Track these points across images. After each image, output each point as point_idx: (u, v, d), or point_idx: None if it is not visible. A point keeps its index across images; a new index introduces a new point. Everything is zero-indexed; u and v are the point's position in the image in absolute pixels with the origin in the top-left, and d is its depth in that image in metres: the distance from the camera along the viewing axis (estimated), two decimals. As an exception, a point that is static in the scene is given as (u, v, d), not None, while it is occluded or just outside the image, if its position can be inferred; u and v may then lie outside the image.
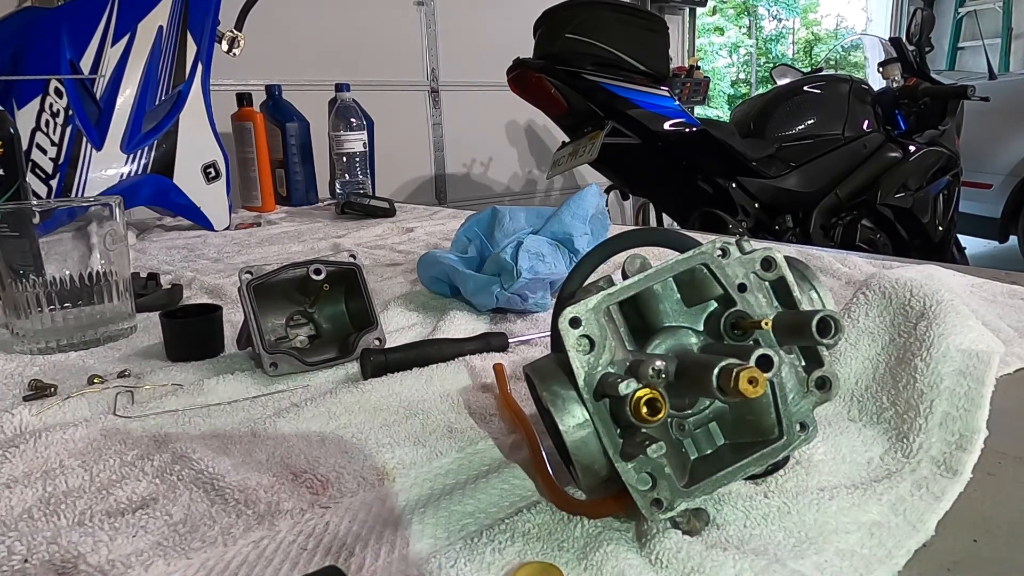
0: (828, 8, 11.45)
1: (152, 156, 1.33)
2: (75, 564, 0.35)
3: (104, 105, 1.27)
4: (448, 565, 0.34)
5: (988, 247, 4.11)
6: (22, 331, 0.70)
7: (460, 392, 0.57)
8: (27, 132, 1.20)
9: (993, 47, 5.64)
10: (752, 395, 0.31)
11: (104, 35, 1.26)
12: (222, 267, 1.10)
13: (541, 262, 0.76)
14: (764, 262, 0.39)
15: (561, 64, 2.03)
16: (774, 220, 2.26)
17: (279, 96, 1.86)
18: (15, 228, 0.70)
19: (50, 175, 1.22)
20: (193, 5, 1.36)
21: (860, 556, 0.34)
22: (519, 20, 2.42)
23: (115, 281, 0.74)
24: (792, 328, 0.37)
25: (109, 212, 0.74)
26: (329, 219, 1.60)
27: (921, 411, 0.44)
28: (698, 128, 2.12)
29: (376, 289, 0.90)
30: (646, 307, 0.39)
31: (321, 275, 0.64)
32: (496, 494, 0.41)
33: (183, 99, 1.37)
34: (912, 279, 0.52)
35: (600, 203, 0.89)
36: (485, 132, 3.20)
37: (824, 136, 2.33)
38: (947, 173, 2.48)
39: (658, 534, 0.35)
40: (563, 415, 0.36)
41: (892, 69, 2.54)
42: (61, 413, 0.55)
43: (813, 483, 0.40)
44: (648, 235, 0.46)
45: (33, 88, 1.21)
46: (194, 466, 0.45)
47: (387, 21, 2.79)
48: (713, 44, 10.35)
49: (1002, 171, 3.69)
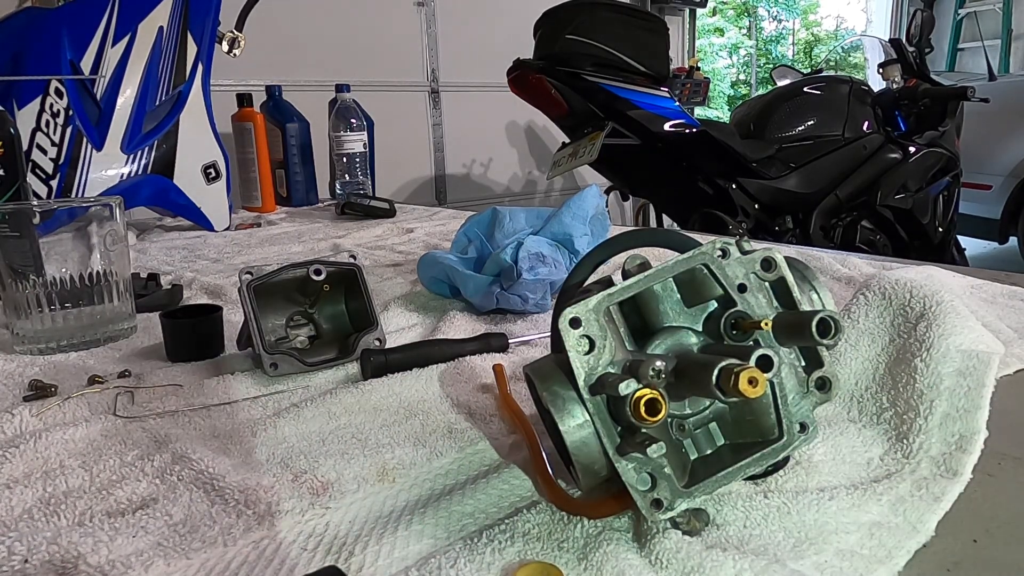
0: (828, 9, 11.48)
1: (152, 156, 1.33)
2: (75, 564, 0.35)
3: (104, 105, 1.27)
4: (448, 565, 0.34)
5: (988, 248, 4.11)
6: (22, 331, 0.70)
7: (460, 392, 0.57)
8: (27, 132, 1.20)
9: (993, 48, 5.64)
10: (752, 395, 0.31)
11: (104, 36, 1.26)
12: (222, 267, 1.10)
13: (541, 263, 0.76)
14: (764, 262, 0.39)
15: (561, 65, 2.03)
16: (774, 221, 2.26)
17: (279, 96, 1.86)
18: (15, 228, 0.70)
19: (50, 175, 1.22)
20: (193, 6, 1.36)
21: (860, 556, 0.34)
22: (519, 21, 2.42)
23: (115, 281, 0.74)
24: (792, 328, 0.37)
25: (109, 212, 0.74)
26: (329, 220, 1.61)
27: (921, 412, 0.44)
28: (698, 129, 2.12)
29: (376, 289, 0.90)
30: (646, 307, 0.39)
31: (321, 275, 0.64)
32: (496, 494, 0.41)
33: (183, 99, 1.37)
34: (912, 280, 0.52)
35: (600, 204, 0.89)
36: (485, 133, 3.20)
37: (824, 137, 2.33)
38: (947, 174, 2.48)
39: (658, 534, 0.35)
40: (563, 415, 0.36)
41: (892, 70, 2.54)
42: (61, 413, 0.55)
43: (813, 483, 0.40)
44: (648, 236, 0.46)
45: (33, 88, 1.21)
46: (194, 466, 0.45)
47: (387, 21, 2.79)
48: (713, 45, 10.35)
49: (1002, 172, 3.69)
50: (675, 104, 2.13)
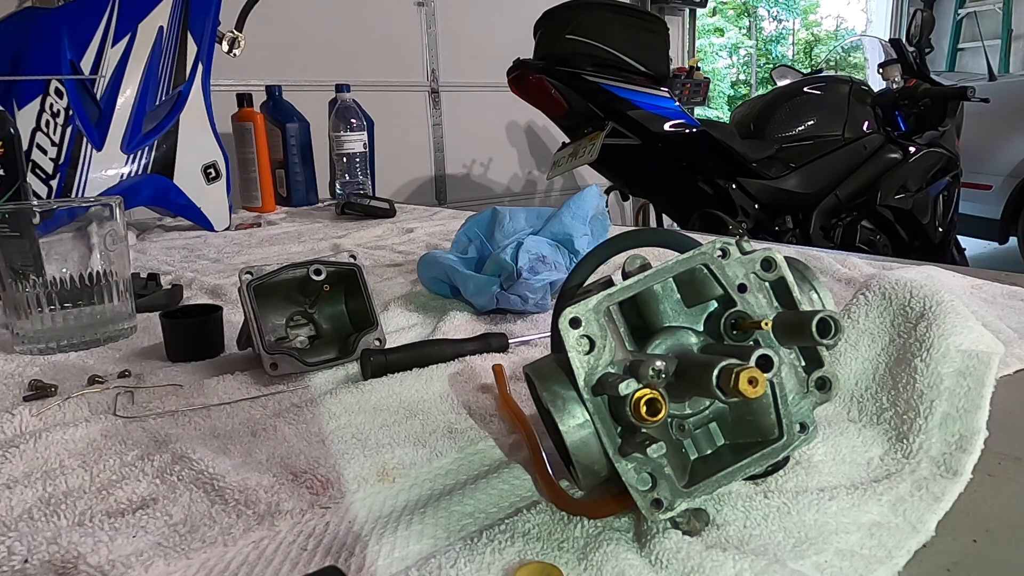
0: (828, 9, 11.48)
1: (152, 156, 1.33)
2: (75, 564, 0.35)
3: (104, 105, 1.27)
4: (448, 565, 0.34)
5: (988, 248, 4.11)
6: (22, 331, 0.70)
7: (460, 392, 0.57)
8: (27, 132, 1.20)
9: (993, 48, 5.64)
10: (752, 395, 0.31)
11: (104, 36, 1.26)
12: (222, 267, 1.10)
13: (541, 263, 0.76)
14: (764, 262, 0.39)
15: (561, 65, 2.03)
16: (774, 221, 2.26)
17: (279, 96, 1.86)
18: (15, 228, 0.70)
19: (50, 175, 1.22)
20: (193, 6, 1.36)
21: (860, 556, 0.34)
22: (519, 21, 2.42)
23: (115, 281, 0.74)
24: (792, 328, 0.37)
25: (109, 212, 0.74)
26: (329, 220, 1.60)
27: (921, 412, 0.44)
28: (698, 129, 2.12)
29: (376, 289, 0.90)
30: (646, 307, 0.39)
31: (321, 275, 0.64)
32: (496, 494, 0.41)
33: (183, 99, 1.37)
34: (912, 280, 0.52)
35: (600, 204, 0.89)
36: (485, 132, 3.20)
37: (824, 137, 2.33)
38: (947, 174, 2.48)
39: (658, 534, 0.35)
40: (563, 415, 0.36)
41: (892, 70, 2.54)
42: (61, 413, 0.55)
43: (813, 483, 0.40)
44: (648, 236, 0.46)
45: (33, 88, 1.21)
46: (194, 466, 0.45)
47: (387, 21, 2.79)
48: (713, 45, 10.35)
49: (1002, 172, 3.69)
50: (675, 104, 2.13)
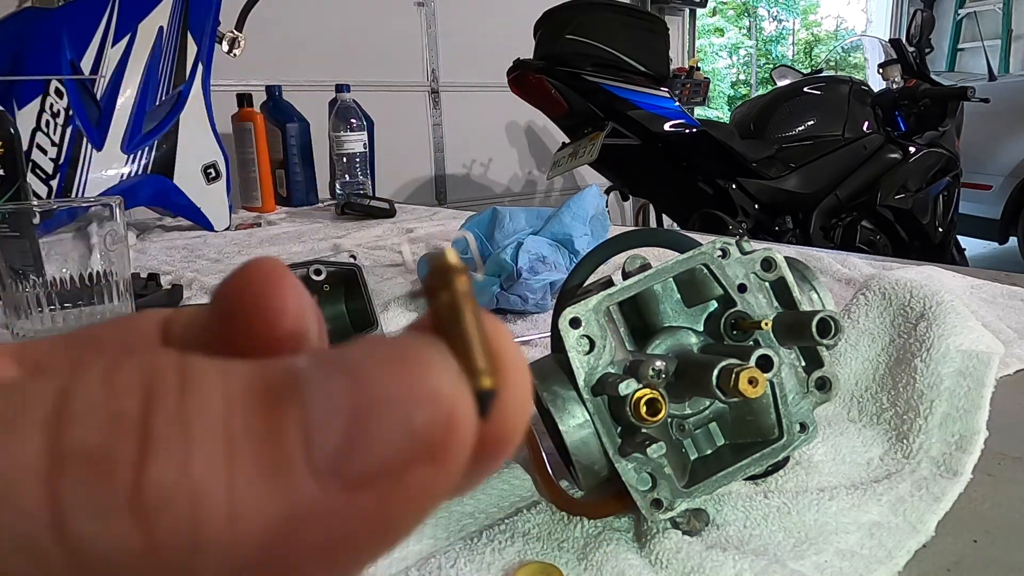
0: (828, 9, 11.46)
1: (152, 156, 1.33)
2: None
3: (104, 105, 1.27)
4: (448, 565, 0.34)
5: (988, 248, 4.11)
6: (22, 332, 0.70)
7: (460, 392, 0.57)
8: (27, 132, 1.20)
9: (993, 48, 5.64)
10: (752, 395, 0.31)
11: (104, 36, 1.26)
12: (222, 267, 1.10)
13: (541, 263, 0.76)
14: (764, 262, 0.39)
15: (561, 65, 2.03)
16: (774, 221, 2.26)
17: (279, 97, 1.86)
18: (15, 228, 0.70)
19: (50, 175, 1.22)
20: (194, 6, 1.36)
21: (860, 556, 0.34)
22: (519, 21, 2.42)
23: (115, 281, 0.74)
24: (792, 328, 0.37)
25: (109, 212, 0.73)
26: (329, 220, 1.60)
27: (921, 412, 0.44)
28: (698, 129, 2.12)
29: (376, 290, 0.90)
30: (646, 307, 0.39)
31: (321, 276, 0.64)
32: (496, 494, 0.41)
33: (183, 100, 1.37)
34: (912, 280, 0.52)
35: (600, 204, 0.89)
36: (485, 133, 3.20)
37: (824, 137, 2.34)
38: (947, 174, 2.48)
39: (658, 534, 0.35)
40: (563, 415, 0.36)
41: (892, 70, 2.54)
42: (61, 413, 0.55)
43: (813, 483, 0.40)
44: (648, 236, 0.46)
45: (33, 88, 1.21)
46: (194, 466, 0.45)
47: (387, 21, 2.79)
48: (713, 45, 10.35)
49: (1002, 172, 3.69)
50: (675, 104, 2.13)
